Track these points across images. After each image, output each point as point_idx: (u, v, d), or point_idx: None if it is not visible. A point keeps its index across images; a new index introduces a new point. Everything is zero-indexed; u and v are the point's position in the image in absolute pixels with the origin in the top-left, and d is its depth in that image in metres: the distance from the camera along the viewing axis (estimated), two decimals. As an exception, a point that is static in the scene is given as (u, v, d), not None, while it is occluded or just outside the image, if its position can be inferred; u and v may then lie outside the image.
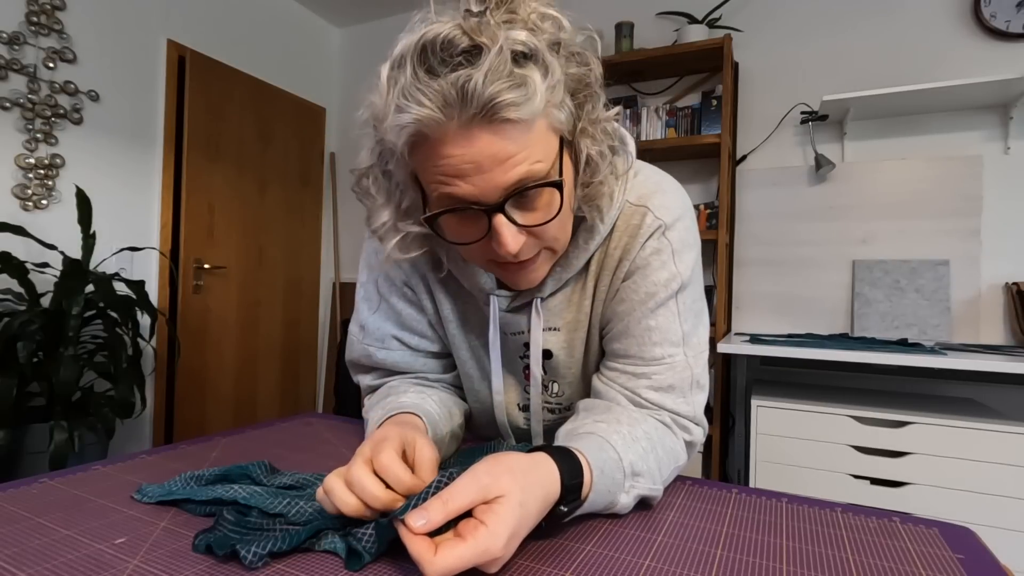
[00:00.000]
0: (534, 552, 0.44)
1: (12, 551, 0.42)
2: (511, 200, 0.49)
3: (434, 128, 0.45)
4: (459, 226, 0.52)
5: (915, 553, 0.45)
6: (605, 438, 0.52)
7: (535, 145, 0.48)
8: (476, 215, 0.50)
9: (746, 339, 1.98)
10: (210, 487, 0.53)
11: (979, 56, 2.09)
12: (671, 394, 0.61)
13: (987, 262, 2.07)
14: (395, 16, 3.46)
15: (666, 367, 0.61)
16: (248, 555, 0.41)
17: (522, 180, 0.48)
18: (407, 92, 0.45)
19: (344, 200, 3.57)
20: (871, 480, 1.68)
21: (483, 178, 0.47)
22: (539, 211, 0.51)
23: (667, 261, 0.61)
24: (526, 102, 0.45)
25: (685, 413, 0.62)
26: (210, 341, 2.82)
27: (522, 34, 0.45)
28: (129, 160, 2.48)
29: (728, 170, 2.27)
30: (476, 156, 0.46)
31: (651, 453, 0.54)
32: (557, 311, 0.66)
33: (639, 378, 0.61)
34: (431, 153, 0.47)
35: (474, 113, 0.44)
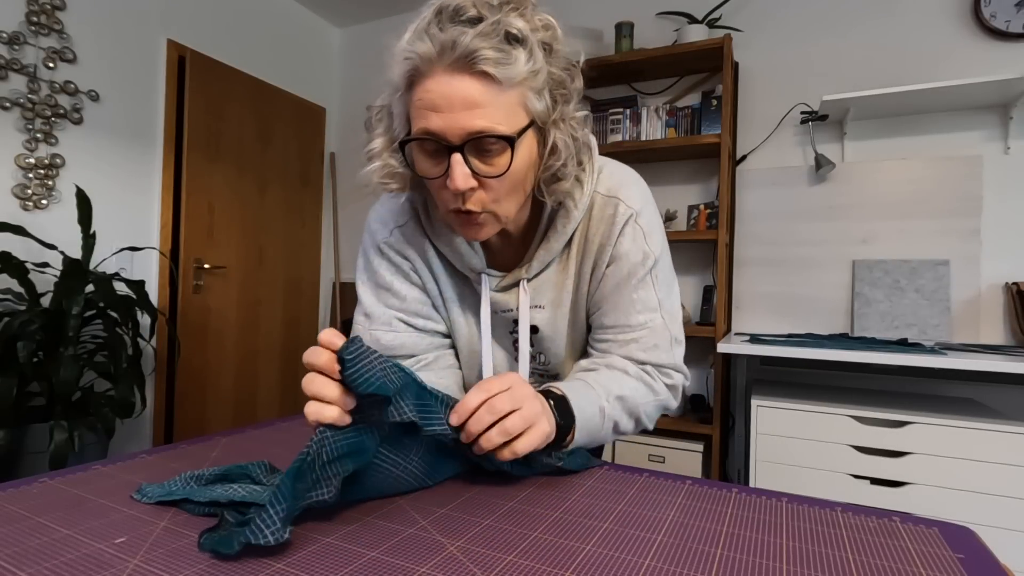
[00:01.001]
0: (534, 552, 0.44)
1: (12, 551, 0.42)
2: (469, 145, 0.57)
3: (427, 66, 0.56)
4: (425, 160, 0.61)
5: (915, 553, 0.45)
6: (582, 379, 0.69)
7: (503, 109, 0.57)
8: (440, 153, 0.59)
9: (746, 339, 1.98)
10: (210, 487, 0.53)
11: (979, 56, 2.09)
12: (656, 351, 0.74)
13: (987, 262, 2.07)
14: (395, 16, 3.46)
15: (648, 331, 0.73)
16: (268, 534, 0.41)
17: (482, 130, 0.56)
18: (417, 35, 0.56)
19: (344, 200, 3.57)
20: (871, 480, 1.68)
21: (452, 116, 0.56)
22: (492, 166, 0.59)
23: (641, 244, 0.72)
24: (504, 66, 0.55)
25: (667, 363, 0.74)
26: (210, 341, 2.82)
27: (519, 22, 0.56)
28: (129, 160, 2.48)
29: (728, 170, 2.27)
30: (451, 95, 0.55)
31: (615, 382, 0.70)
32: (542, 290, 0.75)
33: (629, 344, 0.73)
34: (420, 88, 0.57)
35: (458, 58, 0.54)
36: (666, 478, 0.63)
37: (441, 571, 0.41)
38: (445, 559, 0.43)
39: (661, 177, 2.60)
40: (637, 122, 2.44)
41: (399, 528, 0.48)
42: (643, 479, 0.62)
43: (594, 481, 0.61)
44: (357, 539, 0.46)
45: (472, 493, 0.57)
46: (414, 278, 0.78)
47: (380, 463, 0.52)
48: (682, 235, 2.27)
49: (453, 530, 0.48)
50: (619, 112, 2.46)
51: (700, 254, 2.52)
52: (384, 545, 0.45)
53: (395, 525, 0.49)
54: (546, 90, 0.60)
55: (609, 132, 2.47)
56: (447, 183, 0.59)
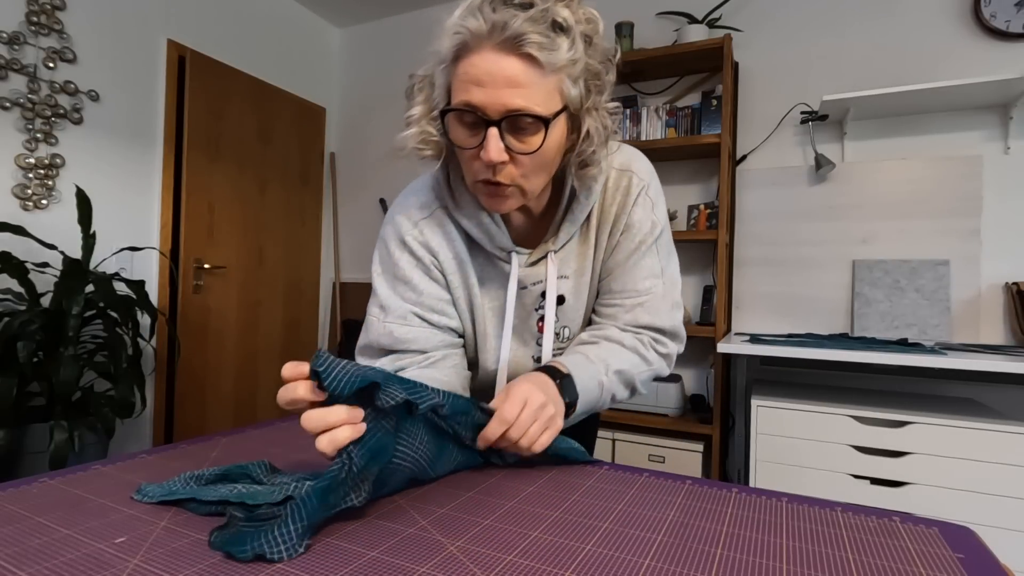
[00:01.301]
0: (534, 552, 0.44)
1: (12, 550, 0.42)
2: (506, 121, 0.61)
3: (475, 42, 0.59)
4: (463, 130, 0.64)
5: (915, 552, 0.45)
6: (583, 353, 0.75)
7: (542, 92, 0.60)
8: (477, 126, 0.62)
9: (746, 339, 1.98)
10: (212, 487, 0.53)
11: (979, 56, 2.09)
12: (659, 315, 0.80)
13: (987, 262, 2.07)
14: (395, 16, 3.46)
15: (652, 296, 0.79)
16: (282, 550, 0.42)
17: (521, 108, 0.60)
18: (470, 12, 0.59)
19: (344, 200, 3.57)
20: (871, 480, 1.68)
21: (494, 92, 0.59)
22: (525, 143, 0.62)
23: (650, 214, 0.78)
24: (548, 51, 0.58)
25: (667, 327, 0.80)
26: (210, 341, 2.82)
27: (566, 12, 0.60)
28: (129, 160, 2.48)
29: (728, 170, 2.27)
30: (496, 72, 0.59)
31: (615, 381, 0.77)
32: (567, 261, 0.79)
33: (635, 308, 0.79)
34: (466, 62, 0.60)
35: (507, 38, 0.58)
36: (666, 478, 0.63)
37: (441, 571, 0.41)
38: (445, 559, 0.43)
39: (661, 177, 2.58)
40: (637, 122, 2.44)
41: (399, 528, 0.48)
42: (643, 479, 0.62)
43: (594, 481, 0.61)
44: (357, 539, 0.46)
45: (472, 493, 0.57)
46: (435, 273, 0.78)
47: (392, 458, 0.53)
48: (682, 235, 2.27)
49: (453, 530, 0.48)
50: (619, 112, 2.46)
51: (700, 254, 2.52)
52: (384, 545, 0.45)
53: (395, 525, 0.49)
54: (582, 79, 0.63)
55: (609, 132, 2.47)
56: (481, 154, 0.62)
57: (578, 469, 0.66)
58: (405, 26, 3.42)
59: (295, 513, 0.43)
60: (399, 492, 0.57)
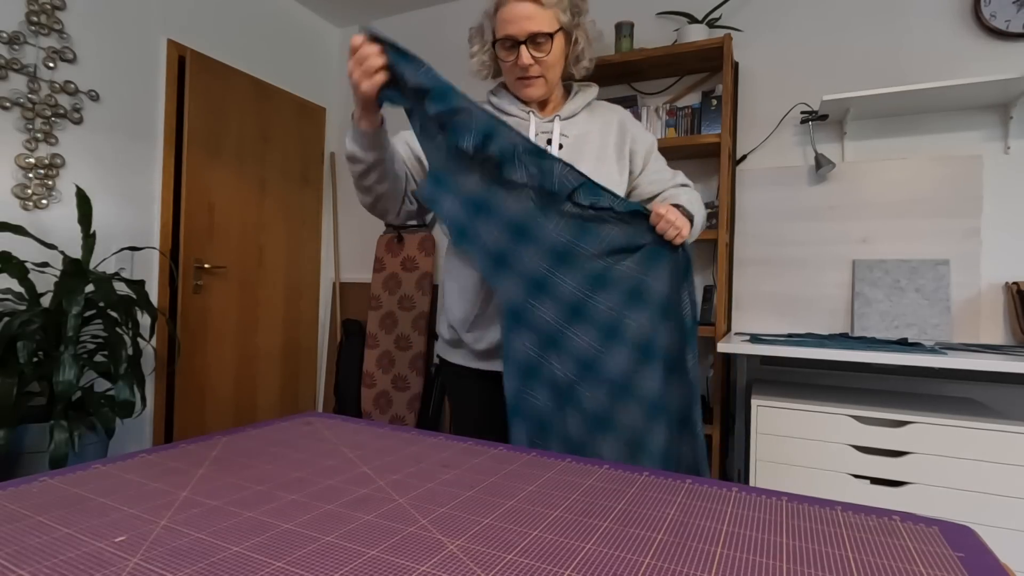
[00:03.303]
0: (535, 550, 0.44)
1: (12, 549, 0.42)
2: (529, 41, 1.05)
3: (505, 1, 1.05)
4: (505, 51, 1.08)
5: (915, 551, 0.45)
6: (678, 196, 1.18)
7: (546, 20, 1.04)
8: (513, 47, 1.06)
9: (746, 339, 1.98)
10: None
11: (979, 56, 2.09)
12: (679, 175, 1.24)
13: (987, 262, 2.07)
14: (395, 16, 3.46)
15: (673, 171, 1.25)
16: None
17: (534, 30, 1.04)
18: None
19: (344, 200, 3.57)
20: (871, 480, 1.68)
21: (518, 24, 1.04)
22: (541, 51, 1.06)
23: (645, 131, 1.25)
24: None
25: (687, 181, 1.24)
26: (210, 341, 2.82)
27: None
28: (129, 160, 2.48)
29: (728, 170, 2.27)
30: (519, 13, 1.03)
31: (695, 200, 1.17)
32: (568, 128, 1.15)
33: (673, 177, 1.23)
34: (501, 11, 1.05)
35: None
36: (666, 477, 0.63)
37: (441, 570, 0.41)
38: (445, 558, 0.43)
39: (661, 177, 2.60)
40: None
41: (399, 527, 0.48)
42: (643, 478, 0.62)
43: (594, 480, 0.61)
44: (357, 538, 0.46)
45: (472, 493, 0.57)
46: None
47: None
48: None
49: (453, 529, 0.48)
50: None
51: (700, 254, 2.53)
52: (384, 544, 0.45)
53: (395, 524, 0.49)
54: (568, 10, 1.07)
55: (609, 132, 2.47)
56: (518, 61, 1.06)
57: (578, 469, 0.66)
58: (405, 26, 3.42)
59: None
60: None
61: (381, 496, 0.55)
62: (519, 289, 1.02)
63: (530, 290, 1.02)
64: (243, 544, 0.44)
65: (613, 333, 1.02)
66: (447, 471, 0.64)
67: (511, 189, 1.02)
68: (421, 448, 0.75)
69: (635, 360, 1.02)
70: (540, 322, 1.02)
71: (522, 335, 1.02)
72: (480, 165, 1.00)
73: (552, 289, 1.02)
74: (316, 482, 0.59)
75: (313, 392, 3.51)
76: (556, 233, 1.02)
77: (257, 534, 0.46)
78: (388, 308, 3.14)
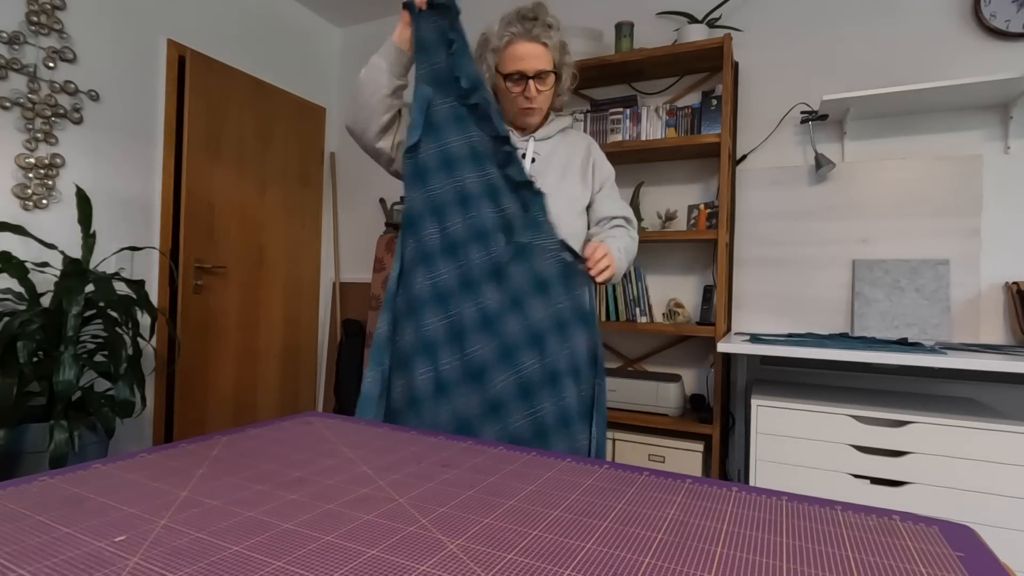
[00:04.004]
0: (535, 550, 0.44)
1: (12, 549, 0.42)
2: (536, 75, 1.21)
3: (517, 36, 1.20)
4: (513, 84, 1.22)
5: (915, 551, 0.45)
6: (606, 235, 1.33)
7: (549, 59, 1.22)
8: (521, 80, 1.21)
9: (746, 338, 1.98)
10: None
11: (979, 56, 2.09)
12: (627, 209, 1.38)
13: (987, 262, 2.07)
14: (395, 16, 3.46)
15: (623, 203, 1.39)
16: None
17: (543, 68, 1.22)
18: (509, 23, 1.21)
19: (344, 200, 3.57)
20: (871, 479, 1.68)
21: (530, 62, 1.20)
22: (545, 85, 1.24)
23: (606, 162, 1.39)
24: (549, 39, 1.21)
25: (631, 216, 1.38)
26: (210, 341, 2.82)
27: (550, 18, 1.22)
28: (129, 160, 2.48)
29: (728, 170, 2.27)
30: (529, 51, 1.20)
31: (624, 250, 1.29)
32: (540, 147, 1.31)
33: (622, 208, 1.37)
34: (512, 48, 1.21)
35: (534, 36, 1.20)
36: (666, 477, 0.63)
37: (441, 569, 0.41)
38: (445, 557, 0.43)
39: (661, 177, 2.60)
40: (637, 122, 2.44)
41: (399, 526, 0.48)
42: (643, 478, 0.62)
43: (594, 480, 0.61)
44: (357, 537, 0.46)
45: (472, 492, 0.57)
46: None
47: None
48: (682, 235, 2.27)
49: (453, 528, 0.48)
50: (619, 112, 2.46)
51: (700, 254, 2.52)
52: (384, 543, 0.45)
53: (395, 523, 0.49)
54: (560, 52, 1.25)
55: (609, 132, 2.47)
56: (525, 93, 1.22)
57: (578, 468, 0.66)
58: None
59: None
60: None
61: (381, 496, 0.55)
62: (435, 240, 1.14)
63: (446, 249, 1.14)
64: (243, 544, 0.44)
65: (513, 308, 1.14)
66: (447, 471, 0.64)
67: (473, 159, 1.17)
68: (421, 448, 0.75)
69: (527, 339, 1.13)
70: (445, 282, 1.13)
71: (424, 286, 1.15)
72: (459, 116, 1.19)
73: (464, 249, 1.14)
74: (316, 482, 0.59)
75: (313, 392, 3.51)
76: (494, 214, 1.15)
77: (257, 534, 0.46)
78: (388, 308, 3.13)
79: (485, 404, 1.09)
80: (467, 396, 1.09)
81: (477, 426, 1.09)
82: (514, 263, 1.13)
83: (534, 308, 1.12)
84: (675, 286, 2.57)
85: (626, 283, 2.44)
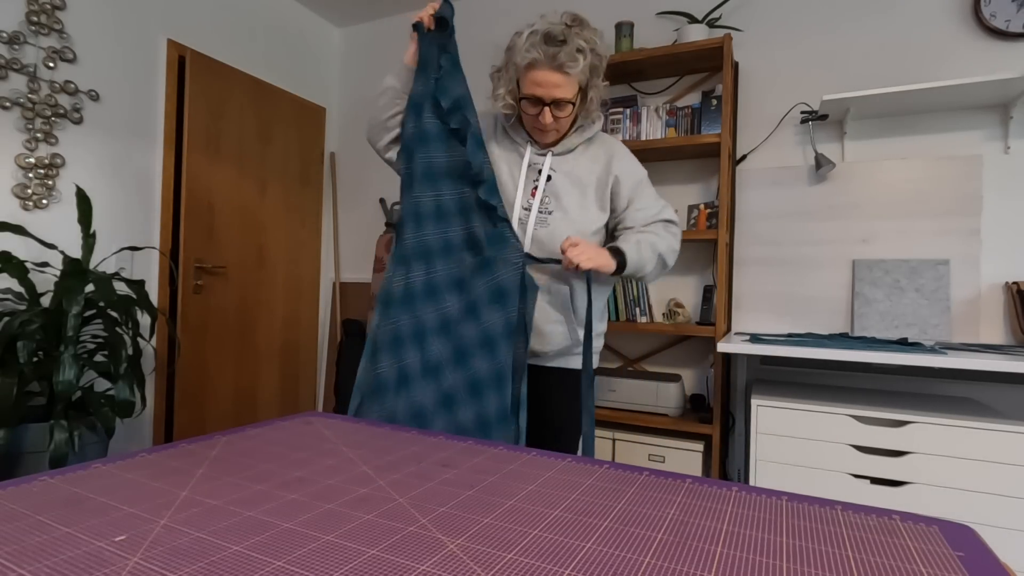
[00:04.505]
0: (535, 550, 0.44)
1: (12, 548, 0.42)
2: (553, 103, 1.17)
3: (538, 62, 1.14)
4: (530, 105, 1.20)
5: (915, 551, 0.45)
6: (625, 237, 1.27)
7: (571, 87, 1.17)
8: (538, 103, 1.18)
9: (746, 338, 1.98)
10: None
11: (979, 56, 2.09)
12: (666, 211, 1.31)
13: (987, 262, 2.07)
14: (395, 16, 3.46)
15: (661, 205, 1.31)
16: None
17: (560, 97, 1.17)
18: (534, 45, 1.14)
19: (344, 200, 3.57)
20: (871, 479, 1.68)
21: (547, 90, 1.16)
22: (561, 111, 1.19)
23: (636, 164, 1.32)
24: (573, 67, 1.14)
25: (671, 217, 1.32)
26: (210, 341, 2.82)
27: (580, 41, 1.14)
28: (129, 160, 2.48)
29: (728, 170, 2.27)
30: (549, 80, 1.15)
31: (644, 242, 1.24)
32: (559, 162, 1.27)
33: (660, 213, 1.30)
34: (532, 72, 1.16)
35: (558, 64, 1.13)
36: (666, 476, 0.63)
37: (441, 569, 0.41)
38: (445, 557, 0.43)
39: (661, 177, 2.60)
40: (637, 122, 2.44)
41: (399, 526, 0.48)
42: (643, 478, 0.62)
43: (594, 480, 0.61)
44: (357, 537, 0.46)
45: (472, 492, 0.57)
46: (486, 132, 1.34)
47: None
48: (682, 235, 2.27)
49: (453, 528, 0.48)
50: (619, 112, 2.46)
51: (700, 254, 2.52)
52: (384, 543, 0.45)
53: (396, 523, 0.49)
54: (588, 72, 1.18)
55: (609, 132, 2.47)
56: (540, 117, 1.19)
57: (578, 468, 0.66)
58: (405, 26, 3.42)
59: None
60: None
61: (381, 495, 0.55)
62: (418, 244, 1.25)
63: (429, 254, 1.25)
64: (243, 543, 0.44)
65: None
66: (447, 471, 0.64)
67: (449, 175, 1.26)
68: (421, 448, 0.75)
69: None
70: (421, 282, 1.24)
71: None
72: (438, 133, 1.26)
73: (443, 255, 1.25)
74: (316, 481, 0.59)
75: (313, 392, 3.51)
76: (462, 232, 1.25)
77: (257, 533, 0.46)
78: (388, 308, 3.13)
79: (439, 396, 1.20)
80: (423, 389, 1.21)
81: (430, 417, 1.20)
82: (477, 275, 1.22)
83: (490, 316, 1.20)
84: (675, 286, 2.57)
85: (626, 283, 2.44)
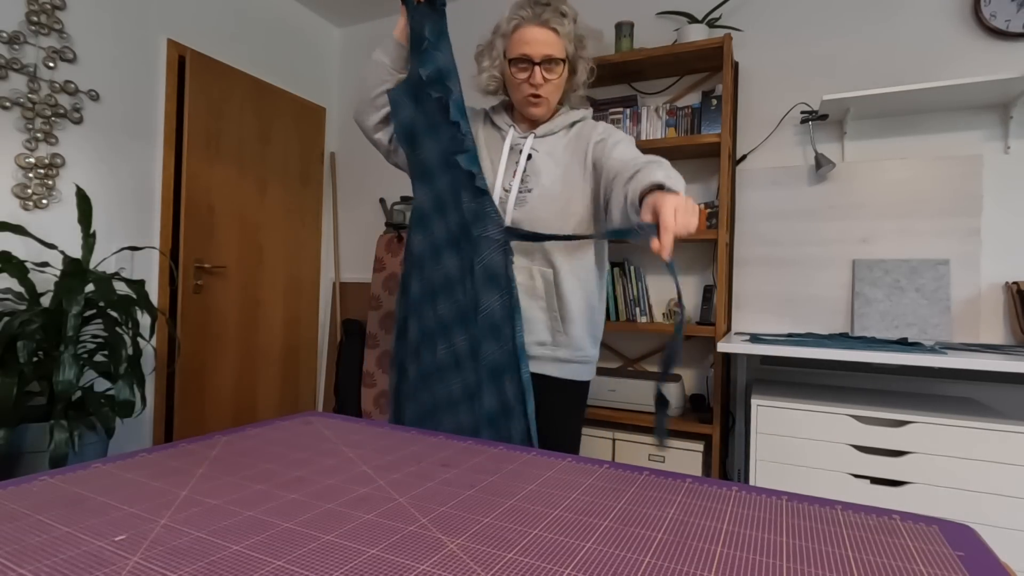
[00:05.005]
0: (535, 549, 0.44)
1: (12, 548, 0.42)
2: (543, 62, 1.16)
3: (525, 22, 1.16)
4: (518, 70, 1.18)
5: (915, 550, 0.45)
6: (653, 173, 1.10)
7: (559, 47, 1.17)
8: (527, 67, 1.17)
9: (746, 338, 1.98)
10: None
11: (979, 56, 2.09)
12: (652, 157, 1.15)
13: (987, 262, 2.07)
14: (395, 16, 3.46)
15: (639, 155, 1.16)
16: None
17: (551, 54, 1.16)
18: (520, 7, 1.16)
19: (344, 200, 3.57)
20: (871, 479, 1.68)
21: (537, 47, 1.15)
22: (551, 73, 1.18)
23: (612, 128, 1.24)
24: (561, 27, 1.15)
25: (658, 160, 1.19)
26: (210, 341, 2.82)
27: (564, 6, 1.17)
28: (129, 159, 2.48)
29: (728, 170, 2.27)
30: (537, 37, 1.15)
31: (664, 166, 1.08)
32: (540, 143, 1.24)
33: (647, 163, 1.11)
34: (520, 32, 1.16)
35: (543, 20, 1.15)
36: (666, 476, 0.63)
37: (441, 568, 0.41)
38: (445, 556, 0.43)
39: (661, 177, 2.60)
40: (637, 122, 2.44)
41: (399, 526, 0.48)
42: (643, 477, 0.62)
43: (594, 480, 0.61)
44: (357, 536, 0.46)
45: (472, 492, 0.57)
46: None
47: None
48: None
49: (453, 528, 0.48)
50: (619, 112, 2.46)
51: (700, 254, 2.52)
52: (384, 543, 0.45)
53: (396, 523, 0.49)
54: (573, 43, 1.19)
55: (609, 132, 2.47)
56: (530, 79, 1.17)
57: (578, 468, 0.66)
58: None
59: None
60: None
61: (381, 495, 0.55)
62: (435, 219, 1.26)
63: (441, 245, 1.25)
64: (243, 543, 0.44)
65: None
66: (447, 470, 0.64)
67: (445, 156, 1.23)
68: (421, 447, 0.75)
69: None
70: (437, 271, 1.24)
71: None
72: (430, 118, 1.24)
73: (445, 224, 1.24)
74: (316, 481, 0.59)
75: (313, 392, 3.51)
76: (457, 219, 1.23)
77: (257, 533, 0.46)
78: (388, 308, 3.13)
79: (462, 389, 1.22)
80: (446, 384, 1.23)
81: (440, 415, 1.22)
82: (469, 253, 1.21)
83: (488, 299, 1.18)
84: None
85: (626, 283, 2.44)
